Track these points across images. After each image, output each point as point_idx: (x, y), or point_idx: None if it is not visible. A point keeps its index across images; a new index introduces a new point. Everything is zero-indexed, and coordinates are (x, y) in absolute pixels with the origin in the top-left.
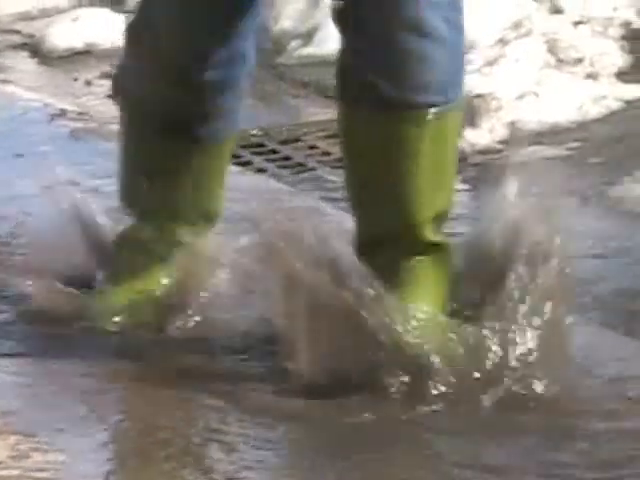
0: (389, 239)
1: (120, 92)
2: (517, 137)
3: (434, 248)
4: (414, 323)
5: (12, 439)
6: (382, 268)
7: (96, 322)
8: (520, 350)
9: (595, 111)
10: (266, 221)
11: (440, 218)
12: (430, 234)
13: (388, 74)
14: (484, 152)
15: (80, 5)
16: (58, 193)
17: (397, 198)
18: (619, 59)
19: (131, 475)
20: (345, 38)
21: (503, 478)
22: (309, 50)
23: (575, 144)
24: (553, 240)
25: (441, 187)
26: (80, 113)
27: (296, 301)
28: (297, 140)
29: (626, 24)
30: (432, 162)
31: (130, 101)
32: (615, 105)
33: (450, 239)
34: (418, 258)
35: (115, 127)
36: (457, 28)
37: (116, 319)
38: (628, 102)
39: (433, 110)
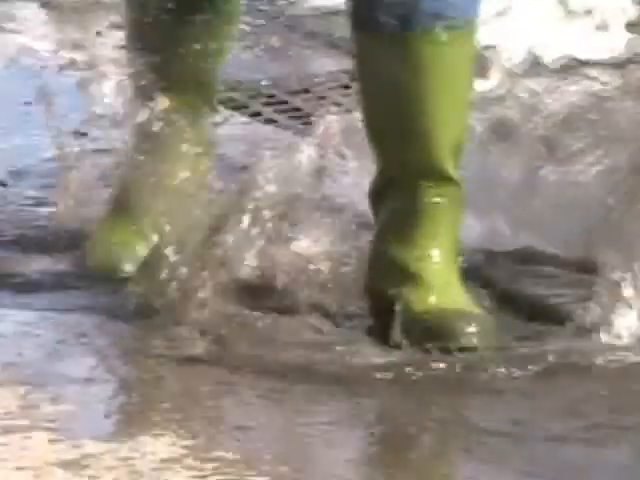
0: (409, 177)
1: None
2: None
3: (451, 187)
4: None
5: (22, 389)
6: (400, 211)
7: (110, 273)
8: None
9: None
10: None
11: (457, 153)
12: (449, 170)
13: None
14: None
15: None
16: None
17: (416, 128)
18: (629, 10)
19: (140, 426)
20: None
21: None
22: (319, 0)
23: None
24: None
25: (459, 117)
26: (89, 63)
27: None
28: (307, 91)
29: None
30: (450, 86)
31: None
32: (625, 56)
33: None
34: (436, 199)
35: (125, 78)
36: None
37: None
38: (637, 54)
39: (449, 28)
